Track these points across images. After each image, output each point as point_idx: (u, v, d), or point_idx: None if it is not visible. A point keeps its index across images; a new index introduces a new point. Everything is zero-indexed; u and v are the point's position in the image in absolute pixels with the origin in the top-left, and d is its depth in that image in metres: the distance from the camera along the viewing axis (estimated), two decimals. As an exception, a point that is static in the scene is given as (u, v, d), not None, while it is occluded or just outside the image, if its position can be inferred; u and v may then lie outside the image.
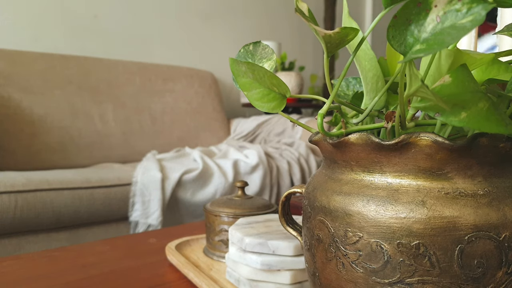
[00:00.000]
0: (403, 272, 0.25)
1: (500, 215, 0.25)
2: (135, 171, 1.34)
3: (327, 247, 0.29)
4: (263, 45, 0.36)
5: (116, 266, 0.59)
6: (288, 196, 0.38)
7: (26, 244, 1.14)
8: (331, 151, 0.30)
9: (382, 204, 0.26)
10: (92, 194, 1.22)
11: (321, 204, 0.29)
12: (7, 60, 1.59)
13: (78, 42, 2.03)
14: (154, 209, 1.27)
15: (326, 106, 0.29)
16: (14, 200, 1.08)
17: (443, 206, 0.25)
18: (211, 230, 0.59)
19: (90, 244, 0.69)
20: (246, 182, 0.62)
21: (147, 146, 1.85)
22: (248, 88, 0.31)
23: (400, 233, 0.25)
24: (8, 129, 1.50)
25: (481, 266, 0.24)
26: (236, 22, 2.65)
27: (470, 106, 0.22)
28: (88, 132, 1.70)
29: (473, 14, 0.21)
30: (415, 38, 0.24)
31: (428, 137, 0.24)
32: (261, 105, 0.32)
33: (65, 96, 1.68)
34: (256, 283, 0.45)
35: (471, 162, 0.25)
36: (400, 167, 0.26)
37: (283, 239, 0.45)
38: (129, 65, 1.93)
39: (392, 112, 0.27)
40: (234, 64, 0.31)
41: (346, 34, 0.27)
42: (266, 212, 0.59)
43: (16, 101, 1.56)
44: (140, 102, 1.88)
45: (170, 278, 0.54)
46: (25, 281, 0.54)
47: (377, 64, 0.31)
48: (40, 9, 1.92)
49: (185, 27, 2.42)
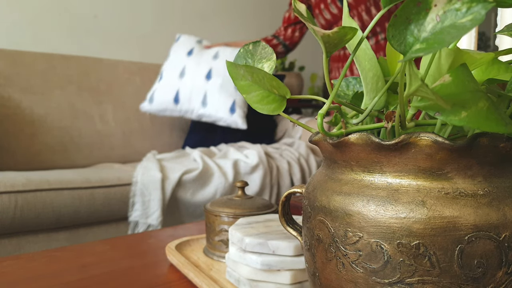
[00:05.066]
0: (403, 272, 0.25)
1: (500, 215, 0.25)
2: (135, 171, 1.34)
3: (327, 247, 0.29)
4: (263, 45, 0.36)
5: (116, 266, 0.59)
6: (288, 196, 0.38)
7: (26, 244, 1.14)
8: (331, 151, 0.30)
9: (382, 204, 0.26)
10: (92, 194, 1.22)
11: (321, 204, 0.29)
12: (7, 60, 1.59)
13: (78, 42, 2.03)
14: (154, 209, 1.27)
15: (326, 106, 0.29)
16: (14, 200, 1.08)
17: (443, 206, 0.25)
18: (211, 230, 0.59)
19: (90, 244, 0.69)
20: (246, 182, 0.62)
21: (147, 146, 1.85)
22: (247, 90, 0.31)
23: (400, 233, 0.25)
24: (8, 129, 1.51)
25: (481, 266, 0.24)
26: (236, 22, 2.65)
27: (470, 105, 0.22)
28: (88, 132, 1.70)
29: (473, 13, 0.21)
30: (415, 38, 0.24)
31: (428, 137, 0.24)
32: (261, 107, 0.31)
33: (65, 96, 1.68)
34: (256, 283, 0.45)
35: (471, 162, 0.25)
36: (400, 167, 0.26)
37: (283, 239, 0.45)
38: (129, 65, 1.93)
39: (392, 112, 0.27)
40: (232, 67, 0.30)
41: (345, 34, 0.27)
42: (266, 212, 0.59)
43: (16, 101, 1.56)
44: (140, 102, 1.88)
45: (170, 278, 0.54)
46: (25, 281, 0.54)
47: (377, 64, 0.31)
48: (40, 9, 1.92)
49: (185, 27, 2.42)
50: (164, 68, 1.79)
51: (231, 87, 1.68)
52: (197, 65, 1.72)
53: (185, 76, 1.72)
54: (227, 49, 1.76)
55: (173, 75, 1.75)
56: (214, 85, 1.68)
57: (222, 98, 1.67)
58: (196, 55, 1.75)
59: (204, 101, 1.67)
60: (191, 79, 1.70)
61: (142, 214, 1.27)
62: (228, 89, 1.68)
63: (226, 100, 1.67)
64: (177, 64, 1.76)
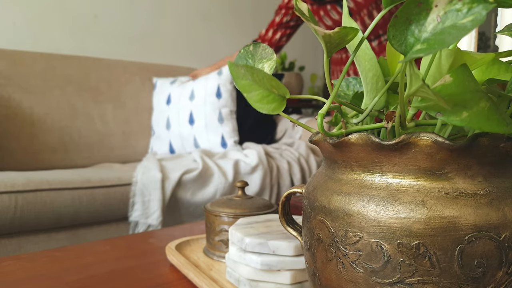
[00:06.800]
0: (403, 272, 0.25)
1: (500, 215, 0.25)
2: (135, 171, 1.34)
3: (327, 247, 0.29)
4: (263, 46, 0.36)
5: (116, 266, 0.59)
6: (288, 196, 0.38)
7: (26, 244, 1.14)
8: (331, 151, 0.30)
9: (382, 204, 0.26)
10: (92, 194, 1.22)
11: (321, 204, 0.29)
12: (8, 60, 1.59)
13: (78, 42, 2.03)
14: (154, 209, 1.27)
15: (326, 106, 0.29)
16: (14, 200, 1.08)
17: (443, 206, 0.25)
18: (211, 230, 0.59)
19: (90, 244, 0.69)
20: (246, 182, 0.62)
21: (147, 146, 1.85)
22: (247, 90, 0.31)
23: (400, 233, 0.25)
24: (8, 129, 1.51)
25: (481, 266, 0.24)
26: (236, 22, 2.65)
27: (471, 105, 0.22)
28: (88, 132, 1.70)
29: (474, 14, 0.21)
30: (415, 38, 0.24)
31: (428, 137, 0.24)
32: (261, 106, 0.31)
33: (65, 96, 1.69)
34: (256, 283, 0.45)
35: (471, 162, 0.25)
36: (400, 167, 0.26)
37: (283, 239, 0.45)
38: (129, 65, 1.93)
39: (392, 112, 0.27)
40: (233, 67, 0.30)
41: (346, 34, 0.27)
42: (266, 212, 0.59)
43: (16, 101, 1.56)
44: (140, 102, 1.88)
45: (170, 278, 0.54)
46: (25, 281, 0.54)
47: (377, 64, 0.31)
48: (40, 9, 1.92)
49: (185, 27, 2.42)
50: (153, 122, 1.85)
51: (215, 123, 1.73)
52: (178, 113, 1.76)
53: (171, 127, 1.77)
54: (201, 83, 1.77)
55: (161, 128, 1.80)
56: (199, 128, 1.73)
57: (210, 137, 1.72)
58: (174, 103, 1.78)
59: (196, 145, 1.73)
60: (177, 129, 1.75)
61: (142, 214, 1.27)
62: (213, 126, 1.73)
63: (215, 137, 1.72)
64: (161, 116, 1.81)
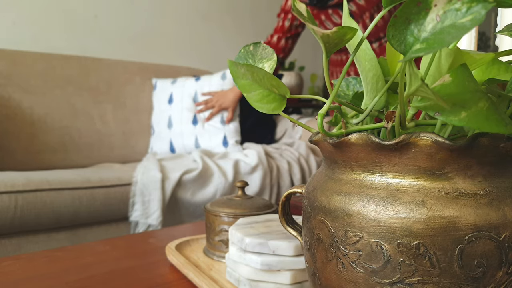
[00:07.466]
0: (403, 272, 0.25)
1: (500, 215, 0.25)
2: (135, 171, 1.34)
3: (327, 247, 0.29)
4: (263, 46, 0.36)
5: (116, 266, 0.59)
6: (288, 196, 0.38)
7: (26, 244, 1.14)
8: (331, 151, 0.30)
9: (382, 204, 0.26)
10: (92, 194, 1.22)
11: (321, 204, 0.29)
12: (8, 60, 1.59)
13: (78, 42, 2.03)
14: (154, 209, 1.27)
15: (326, 106, 0.29)
16: (14, 200, 1.08)
17: (443, 206, 0.25)
18: (211, 230, 0.59)
19: (90, 244, 0.69)
20: (246, 182, 0.62)
21: (147, 146, 1.85)
22: (248, 89, 0.31)
23: (400, 233, 0.25)
24: (8, 129, 1.51)
25: (481, 266, 0.24)
26: (236, 22, 2.65)
27: (470, 105, 0.22)
28: (88, 132, 1.70)
29: (473, 13, 0.21)
30: (415, 38, 0.24)
31: (428, 137, 0.24)
32: (261, 106, 0.31)
33: (65, 96, 1.69)
34: (256, 283, 0.45)
35: (471, 162, 0.25)
36: (400, 167, 0.26)
37: (283, 239, 0.45)
38: (129, 65, 1.93)
39: (392, 112, 0.27)
40: (233, 66, 0.30)
41: (344, 34, 0.27)
42: (266, 212, 0.59)
43: (16, 101, 1.56)
44: (140, 102, 1.88)
45: (170, 278, 0.54)
46: (25, 281, 0.54)
47: (377, 64, 0.31)
48: (40, 9, 1.92)
49: (185, 27, 2.42)
50: (153, 121, 1.84)
51: (218, 124, 1.75)
52: (181, 112, 1.76)
53: (172, 126, 1.77)
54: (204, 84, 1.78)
55: (162, 126, 1.80)
56: (201, 128, 1.75)
57: (212, 137, 1.73)
58: (176, 102, 1.79)
59: (197, 144, 1.73)
60: (179, 127, 1.76)
61: (142, 214, 1.27)
62: (215, 126, 1.74)
63: (216, 137, 1.73)
64: (162, 115, 1.81)
